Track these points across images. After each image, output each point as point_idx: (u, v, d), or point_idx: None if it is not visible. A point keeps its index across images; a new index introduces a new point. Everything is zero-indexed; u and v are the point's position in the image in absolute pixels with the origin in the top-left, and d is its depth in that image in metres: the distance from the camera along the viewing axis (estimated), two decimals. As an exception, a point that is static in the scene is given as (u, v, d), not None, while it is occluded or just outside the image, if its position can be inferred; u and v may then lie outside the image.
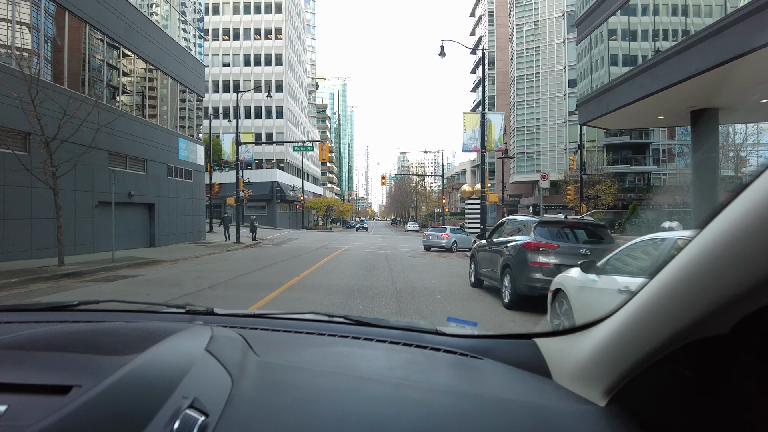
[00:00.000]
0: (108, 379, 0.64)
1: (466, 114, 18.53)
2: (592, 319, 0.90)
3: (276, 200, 45.57)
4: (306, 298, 7.74)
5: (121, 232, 16.20)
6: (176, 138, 22.97)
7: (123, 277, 10.06)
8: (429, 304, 7.34)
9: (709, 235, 0.57)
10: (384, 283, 9.75)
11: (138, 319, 1.29)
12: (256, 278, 10.20)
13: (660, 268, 0.67)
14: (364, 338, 1.15)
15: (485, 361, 1.03)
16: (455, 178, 67.38)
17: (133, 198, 18.36)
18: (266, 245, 23.25)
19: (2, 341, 0.87)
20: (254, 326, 1.21)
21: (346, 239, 29.94)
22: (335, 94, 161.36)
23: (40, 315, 1.32)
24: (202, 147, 26.23)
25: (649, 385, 0.71)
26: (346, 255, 17.20)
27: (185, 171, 23.83)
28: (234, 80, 52.30)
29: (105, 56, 16.64)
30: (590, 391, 0.81)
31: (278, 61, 52.55)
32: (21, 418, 0.57)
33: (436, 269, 13.52)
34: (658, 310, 0.66)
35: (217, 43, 53.15)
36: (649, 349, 0.68)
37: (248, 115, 52.30)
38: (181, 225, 22.94)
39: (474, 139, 18.44)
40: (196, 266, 12.58)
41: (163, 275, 10.59)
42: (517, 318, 6.66)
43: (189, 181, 24.29)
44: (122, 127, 17.37)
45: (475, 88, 64.41)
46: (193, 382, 0.68)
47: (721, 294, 0.55)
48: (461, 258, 17.11)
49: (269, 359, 0.90)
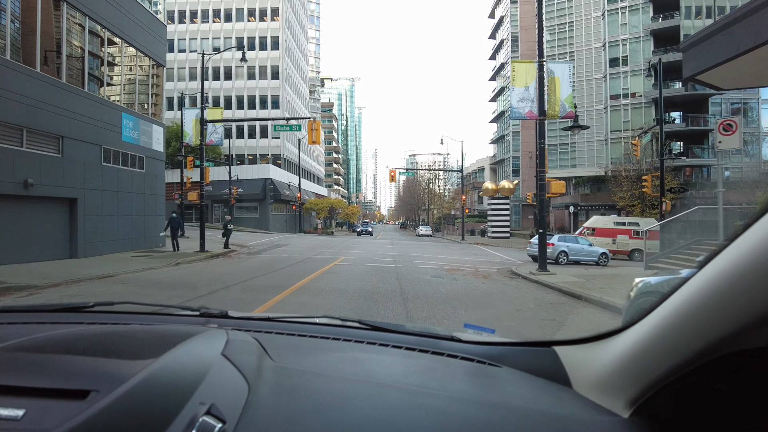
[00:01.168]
0: (125, 384, 0.65)
1: (516, 63, 12.50)
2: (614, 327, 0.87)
3: (269, 200, 39.84)
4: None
5: (13, 237, 12.05)
6: (118, 113, 17.27)
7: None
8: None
9: (751, 239, 0.53)
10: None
11: (153, 322, 1.31)
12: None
13: (693, 273, 0.63)
14: (380, 344, 1.13)
15: (503, 368, 1.01)
16: (472, 177, 61.09)
17: (33, 189, 12.63)
18: (238, 255, 17.42)
19: (21, 344, 0.87)
20: (268, 330, 1.21)
21: (346, 246, 24.02)
22: (343, 95, 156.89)
23: (57, 316, 1.32)
24: (162, 129, 20.53)
25: (676, 397, 0.69)
26: (337, 273, 11.33)
27: (133, 158, 18.09)
28: (225, 66, 46.90)
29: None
30: (613, 401, 0.78)
31: (274, 44, 47.03)
32: (39, 423, 0.57)
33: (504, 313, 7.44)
34: (690, 319, 0.62)
35: (207, 25, 47.86)
36: (678, 361, 0.65)
37: (240, 104, 46.78)
38: (125, 228, 17.15)
39: (527, 100, 12.50)
40: (66, 292, 6.73)
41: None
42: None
43: (139, 171, 18.57)
44: (14, 86, 11.74)
45: (494, 75, 58.26)
46: (209, 387, 0.68)
47: (765, 302, 0.51)
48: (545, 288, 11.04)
49: (285, 364, 0.90)
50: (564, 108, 12.49)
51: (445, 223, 56.12)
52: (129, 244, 17.26)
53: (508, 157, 50.18)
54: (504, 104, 51.51)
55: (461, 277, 11.46)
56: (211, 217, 42.98)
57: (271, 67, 46.66)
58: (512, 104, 12.76)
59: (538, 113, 12.61)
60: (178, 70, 47.24)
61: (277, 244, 24.03)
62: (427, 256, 18.86)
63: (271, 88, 46.39)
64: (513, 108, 12.77)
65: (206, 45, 47.46)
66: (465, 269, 13.66)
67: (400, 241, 31.61)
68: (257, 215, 40.44)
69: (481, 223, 49.41)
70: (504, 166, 52.51)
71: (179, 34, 47.57)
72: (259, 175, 40.55)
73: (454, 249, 24.76)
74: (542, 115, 12.55)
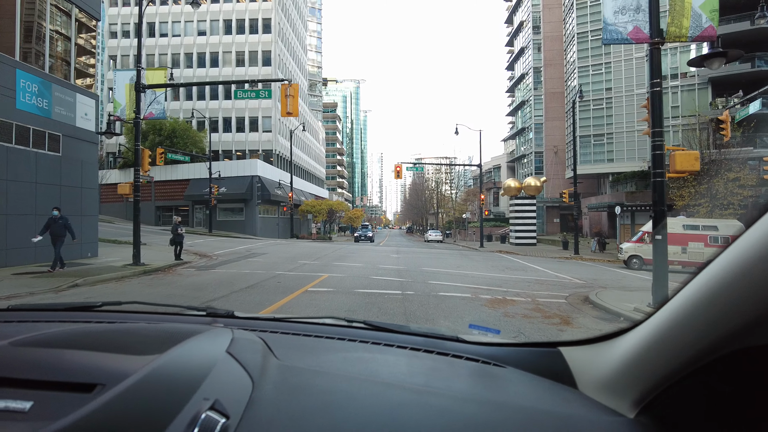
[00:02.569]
0: (130, 378, 0.65)
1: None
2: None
3: (256, 200, 34.62)
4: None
5: None
6: (12, 70, 12.19)
7: None
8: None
9: (759, 232, 0.52)
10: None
11: (159, 321, 1.31)
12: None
13: (696, 272, 0.62)
14: (385, 344, 1.13)
15: (508, 369, 1.01)
16: (486, 176, 55.47)
17: None
18: (184, 271, 12.37)
19: (28, 339, 0.89)
20: (274, 330, 1.21)
21: (338, 256, 18.69)
22: (348, 97, 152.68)
23: (66, 315, 1.34)
24: (94, 102, 15.42)
25: (682, 396, 0.69)
26: (306, 306, 5.98)
27: (39, 135, 12.97)
28: (212, 51, 42.01)
29: None
30: (618, 402, 0.78)
31: (266, 27, 42.06)
32: (45, 415, 0.58)
33: None
34: (695, 317, 0.62)
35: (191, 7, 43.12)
36: (682, 360, 0.65)
37: (228, 94, 41.85)
38: (20, 233, 11.96)
39: (631, 10, 7.19)
40: None
41: None
42: None
43: (52, 155, 13.46)
44: None
45: (511, 64, 52.88)
46: (214, 383, 0.68)
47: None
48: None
49: (290, 363, 0.90)
50: (699, 21, 7.09)
51: (457, 228, 50.54)
52: (31, 254, 12.07)
53: (530, 153, 44.49)
54: (524, 94, 46.07)
55: (527, 325, 6.03)
56: (191, 221, 37.85)
57: (262, 52, 41.67)
58: (605, 19, 7.35)
59: (650, 33, 7.22)
60: (159, 57, 42.43)
61: (253, 253, 18.70)
62: (447, 272, 13.44)
63: (261, 75, 41.40)
64: (607, 26, 7.35)
65: (190, 28, 42.63)
66: (518, 300, 8.19)
67: (408, 249, 26.16)
68: (242, 218, 35.20)
69: (499, 227, 43.79)
70: (524, 164, 46.86)
71: (161, 16, 42.80)
72: (246, 171, 35.37)
73: (477, 260, 19.32)
74: (659, 36, 7.17)
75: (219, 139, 42.02)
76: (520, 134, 48.40)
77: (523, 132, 47.31)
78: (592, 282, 12.04)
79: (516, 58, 49.34)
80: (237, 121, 41.93)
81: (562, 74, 40.02)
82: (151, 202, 39.00)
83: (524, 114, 47.26)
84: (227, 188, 34.87)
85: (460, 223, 50.55)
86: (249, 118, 41.71)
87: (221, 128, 42.03)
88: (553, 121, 41.34)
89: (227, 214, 35.65)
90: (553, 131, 41.31)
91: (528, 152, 44.67)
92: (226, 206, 35.99)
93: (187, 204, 37.54)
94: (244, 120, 41.79)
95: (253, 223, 34.67)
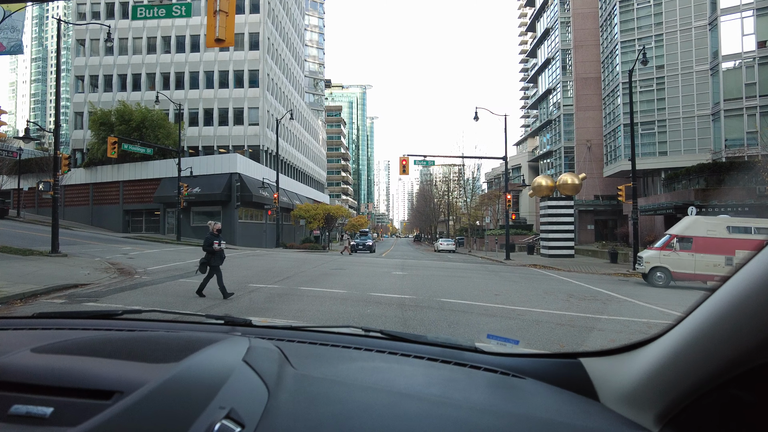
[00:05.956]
0: (148, 386, 0.66)
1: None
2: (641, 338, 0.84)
3: (235, 202, 29.15)
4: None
5: None
6: None
7: None
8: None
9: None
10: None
11: (178, 329, 1.31)
12: None
13: (723, 280, 0.61)
14: (401, 354, 1.12)
15: (527, 380, 0.98)
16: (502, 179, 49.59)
17: None
18: (52, 300, 6.68)
19: (50, 346, 0.90)
20: (291, 338, 1.20)
21: (317, 275, 13.06)
22: (354, 103, 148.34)
23: (87, 322, 1.35)
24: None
25: (709, 411, 0.66)
26: None
27: None
28: (192, 34, 37.05)
29: None
30: (642, 415, 0.75)
31: (254, 6, 36.93)
32: (65, 421, 0.60)
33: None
34: (724, 326, 0.60)
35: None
36: (709, 372, 0.62)
37: (210, 83, 36.74)
38: None
39: None
40: None
41: None
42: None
43: None
44: None
45: (533, 50, 47.17)
46: (230, 392, 0.69)
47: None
48: None
49: (306, 372, 0.90)
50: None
51: (471, 236, 44.62)
52: None
53: (558, 149, 38.47)
54: (550, 81, 40.36)
55: None
56: (162, 227, 32.43)
57: (249, 33, 36.56)
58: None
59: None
60: (134, 40, 37.59)
61: (184, 272, 13.06)
62: (483, 306, 7.70)
63: (249, 61, 36.25)
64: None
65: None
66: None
67: (416, 262, 20.39)
68: (219, 222, 29.76)
69: (522, 235, 37.77)
70: (551, 161, 40.93)
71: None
72: (223, 169, 29.94)
73: (514, 280, 13.51)
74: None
75: (199, 134, 36.78)
76: (546, 128, 42.54)
77: (549, 125, 41.45)
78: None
79: (539, 42, 43.68)
80: (220, 112, 36.70)
81: (597, 56, 34.25)
82: (119, 206, 33.70)
83: (548, 105, 41.50)
84: (201, 188, 29.44)
85: (475, 230, 44.63)
86: (233, 109, 36.44)
87: (201, 121, 36.81)
88: (586, 111, 35.51)
89: (202, 218, 30.10)
90: (586, 122, 35.47)
91: (557, 147, 38.73)
92: (201, 209, 30.55)
93: (158, 207, 32.19)
94: (228, 111, 36.53)
95: (231, 228, 29.13)
